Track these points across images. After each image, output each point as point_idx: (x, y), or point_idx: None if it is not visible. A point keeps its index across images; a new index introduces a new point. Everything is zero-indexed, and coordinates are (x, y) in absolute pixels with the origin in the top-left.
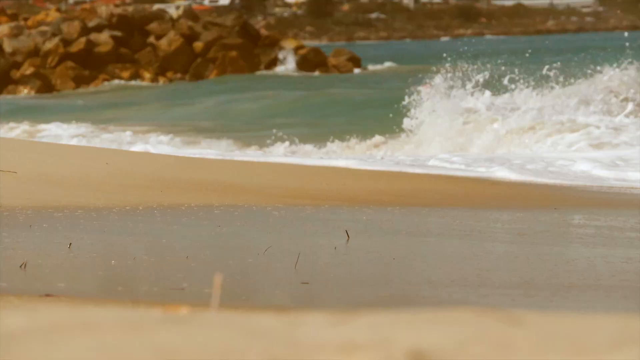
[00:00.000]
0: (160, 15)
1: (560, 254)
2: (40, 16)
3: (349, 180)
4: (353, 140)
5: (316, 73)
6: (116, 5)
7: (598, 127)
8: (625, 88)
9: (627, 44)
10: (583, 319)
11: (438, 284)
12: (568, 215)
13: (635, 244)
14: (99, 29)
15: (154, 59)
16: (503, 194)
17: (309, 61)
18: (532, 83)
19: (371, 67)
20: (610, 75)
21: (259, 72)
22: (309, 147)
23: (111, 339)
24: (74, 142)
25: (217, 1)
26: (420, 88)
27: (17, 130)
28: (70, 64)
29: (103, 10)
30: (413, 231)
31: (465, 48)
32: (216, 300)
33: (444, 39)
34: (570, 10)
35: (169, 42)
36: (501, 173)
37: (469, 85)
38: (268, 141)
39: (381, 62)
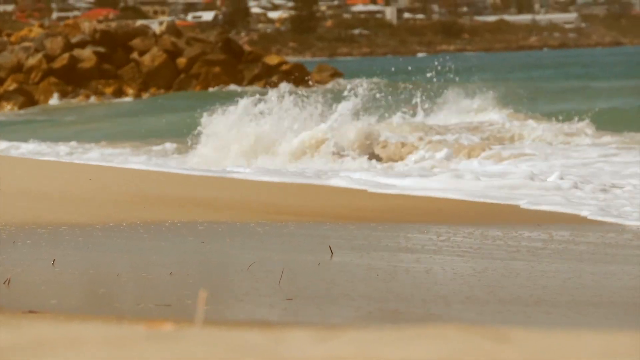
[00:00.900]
0: (143, 31)
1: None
2: (23, 32)
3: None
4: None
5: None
6: (99, 21)
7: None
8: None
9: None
10: (569, 335)
11: (423, 300)
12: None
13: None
14: (82, 44)
15: (137, 74)
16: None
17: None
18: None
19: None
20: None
21: (225, 89)
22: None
23: (96, 355)
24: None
25: (200, 17)
26: (405, 109)
27: None
28: (53, 79)
29: (86, 26)
30: (397, 247)
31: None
32: (200, 317)
33: (421, 54)
34: (552, 26)
35: (152, 57)
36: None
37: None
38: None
39: (363, 77)
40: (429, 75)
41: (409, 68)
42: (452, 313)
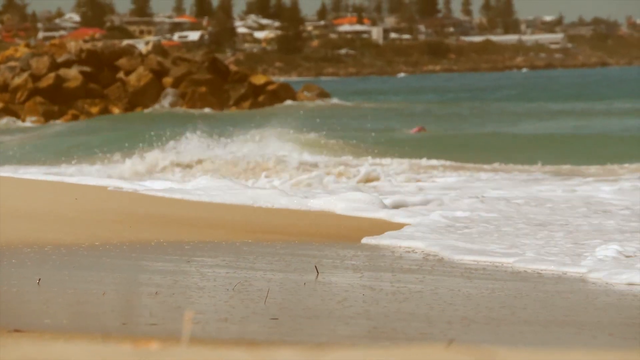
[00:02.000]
0: (129, 51)
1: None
2: (9, 51)
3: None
4: None
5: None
6: (85, 41)
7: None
8: None
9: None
10: (555, 354)
11: (410, 319)
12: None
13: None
14: (68, 64)
15: (123, 94)
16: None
17: (278, 96)
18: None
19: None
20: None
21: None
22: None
23: None
24: None
25: (186, 37)
26: (411, 131)
27: None
28: (39, 99)
29: (72, 45)
30: (379, 266)
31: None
32: (186, 336)
33: (401, 75)
34: (538, 47)
35: (138, 77)
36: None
37: None
38: None
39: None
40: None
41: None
42: (438, 332)
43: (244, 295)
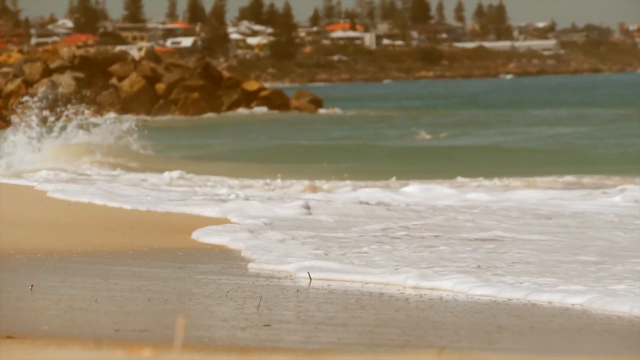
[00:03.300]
0: (122, 57)
1: None
2: (2, 57)
3: None
4: None
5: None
6: (78, 47)
7: None
8: None
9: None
10: None
11: (401, 325)
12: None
13: None
14: (61, 70)
15: (116, 100)
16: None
17: (271, 103)
18: None
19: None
20: None
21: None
22: None
23: None
24: None
25: (179, 43)
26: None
27: None
28: None
29: (65, 51)
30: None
31: None
32: (179, 342)
33: (386, 81)
34: (531, 53)
35: (131, 83)
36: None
37: None
38: None
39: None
40: None
41: None
42: (431, 339)
43: (236, 301)
